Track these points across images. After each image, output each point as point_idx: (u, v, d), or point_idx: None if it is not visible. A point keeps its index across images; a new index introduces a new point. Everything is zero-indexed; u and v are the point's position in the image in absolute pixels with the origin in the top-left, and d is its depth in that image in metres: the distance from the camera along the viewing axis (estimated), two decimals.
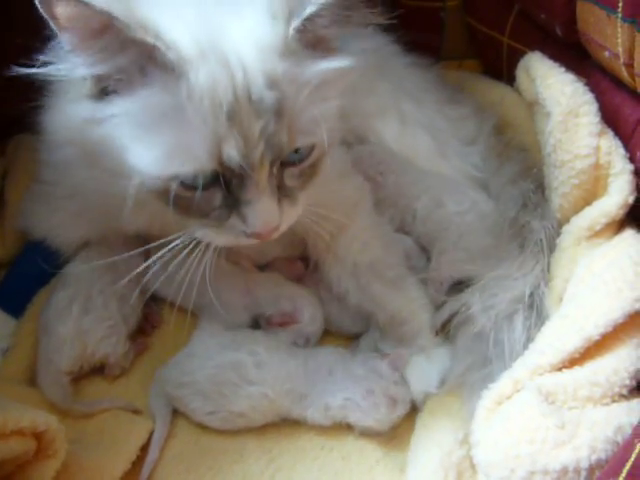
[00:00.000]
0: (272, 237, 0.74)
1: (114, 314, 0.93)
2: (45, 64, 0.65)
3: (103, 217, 0.93)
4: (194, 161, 0.66)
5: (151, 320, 1.01)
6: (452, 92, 1.13)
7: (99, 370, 0.92)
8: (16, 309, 0.97)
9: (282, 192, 0.73)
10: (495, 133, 1.05)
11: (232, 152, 0.65)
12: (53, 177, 0.93)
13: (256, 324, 0.97)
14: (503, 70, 1.14)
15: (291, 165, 0.72)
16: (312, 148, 0.73)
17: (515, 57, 1.04)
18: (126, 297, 0.93)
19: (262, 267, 1.00)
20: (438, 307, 0.91)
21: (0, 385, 0.87)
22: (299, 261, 1.00)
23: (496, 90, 1.10)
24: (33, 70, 0.65)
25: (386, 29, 1.19)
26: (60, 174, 0.90)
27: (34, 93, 0.78)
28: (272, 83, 0.66)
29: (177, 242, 0.76)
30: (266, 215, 0.70)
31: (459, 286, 0.91)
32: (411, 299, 0.92)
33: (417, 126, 1.03)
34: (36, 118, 0.85)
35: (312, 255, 0.98)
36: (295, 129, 0.69)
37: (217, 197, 0.70)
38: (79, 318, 0.90)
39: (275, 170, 0.70)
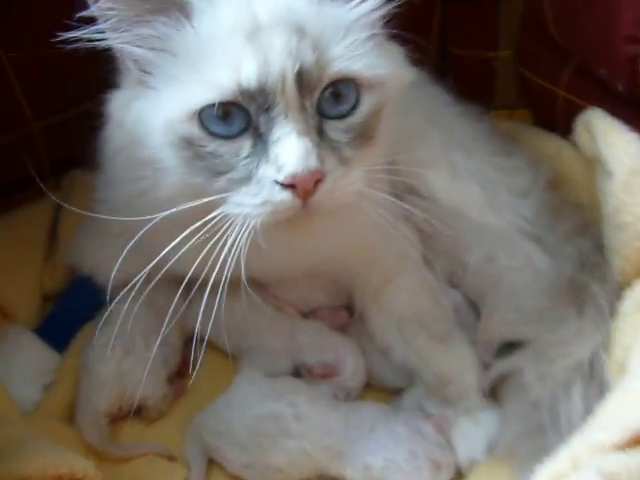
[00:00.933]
0: (317, 198, 0.65)
1: (155, 356, 0.92)
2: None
3: (149, 255, 0.93)
4: (213, 88, 0.65)
5: (190, 362, 1.00)
6: (504, 143, 1.10)
7: (137, 412, 0.91)
8: (60, 344, 0.97)
9: (325, 142, 0.67)
10: (549, 187, 1.02)
11: (250, 71, 0.64)
12: (105, 214, 0.95)
13: (297, 371, 0.95)
14: (557, 123, 1.11)
15: (335, 119, 0.69)
16: (357, 97, 0.70)
17: (572, 111, 1.01)
18: (168, 338, 0.93)
19: (306, 315, 0.99)
20: (487, 367, 0.87)
21: (40, 422, 0.88)
22: (343, 310, 0.98)
23: (552, 143, 1.07)
24: (76, 34, 0.66)
25: (436, 78, 1.19)
26: (111, 211, 0.92)
27: (89, 131, 0.80)
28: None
29: (213, 220, 0.68)
30: (299, 151, 0.63)
31: (510, 346, 0.87)
32: (459, 357, 0.88)
33: (468, 177, 1.01)
34: (91, 155, 0.87)
35: (357, 305, 0.96)
36: (324, 52, 0.66)
37: (244, 146, 0.67)
38: (120, 359, 0.90)
39: (310, 107, 0.66)
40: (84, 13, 0.66)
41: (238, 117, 0.66)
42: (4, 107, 1.05)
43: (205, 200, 0.67)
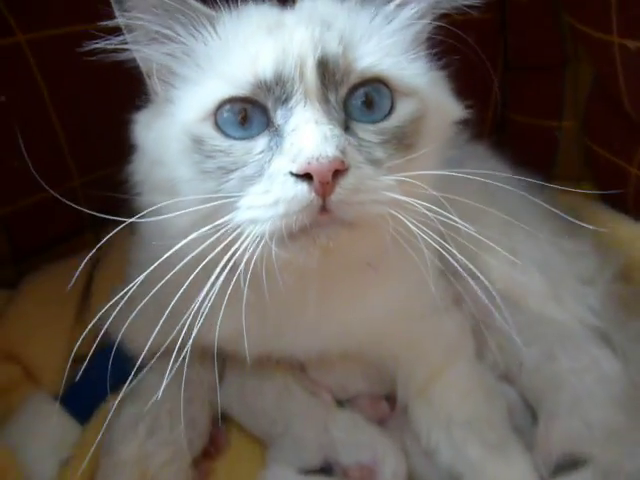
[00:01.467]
0: (338, 195, 0.57)
1: (180, 438, 0.85)
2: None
3: (184, 323, 0.88)
4: (228, 84, 0.62)
5: (217, 443, 0.93)
6: (568, 222, 1.02)
7: None
8: (83, 414, 0.92)
9: (352, 137, 0.61)
10: (620, 277, 0.93)
11: (267, 60, 0.61)
12: (136, 276, 0.91)
13: (328, 465, 0.87)
14: (629, 203, 1.03)
15: (366, 123, 0.63)
16: (391, 104, 0.64)
17: None
18: (195, 420, 0.87)
19: (342, 403, 0.91)
20: None
21: None
22: (384, 401, 0.90)
23: (624, 227, 0.98)
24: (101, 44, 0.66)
25: (495, 146, 1.13)
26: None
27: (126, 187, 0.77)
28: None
29: (223, 228, 0.61)
30: (317, 136, 0.57)
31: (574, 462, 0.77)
32: (514, 469, 0.78)
33: (529, 261, 0.93)
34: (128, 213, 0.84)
35: (400, 396, 0.87)
36: (353, 46, 0.63)
37: (259, 143, 0.62)
38: (143, 440, 0.84)
39: (334, 101, 0.61)
40: (109, 23, 0.65)
41: (256, 118, 0.62)
42: (53, 163, 1.05)
43: (217, 203, 0.61)
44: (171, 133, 0.66)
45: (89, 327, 0.98)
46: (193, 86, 0.66)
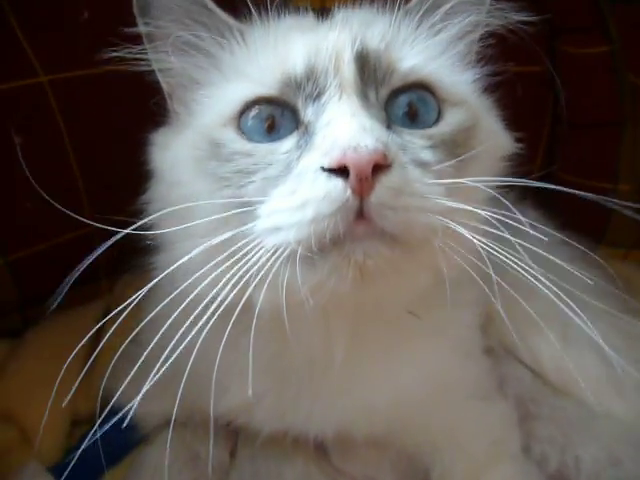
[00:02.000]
0: (379, 195, 0.48)
1: None
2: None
3: (191, 391, 0.79)
4: (254, 83, 0.57)
5: None
6: (628, 298, 0.91)
7: None
8: None
9: (394, 136, 0.54)
10: None
11: (298, 55, 0.57)
12: (149, 336, 0.83)
13: None
14: None
15: (412, 129, 0.57)
16: (439, 112, 0.58)
17: None
18: None
19: None
20: None
21: None
22: None
23: None
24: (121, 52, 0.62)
25: (539, 206, 1.05)
26: (156, 332, 0.80)
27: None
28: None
29: (239, 241, 0.53)
30: (354, 126, 0.50)
31: None
32: None
33: (584, 345, 0.82)
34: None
35: None
36: (396, 46, 0.59)
37: (286, 143, 0.55)
38: None
39: (374, 100, 0.56)
40: (131, 30, 0.62)
41: (284, 124, 0.56)
42: (70, 207, 1.00)
43: (235, 212, 0.53)
44: (188, 144, 0.60)
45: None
46: (215, 91, 0.61)
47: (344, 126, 0.51)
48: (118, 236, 0.59)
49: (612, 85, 1.00)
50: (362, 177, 0.47)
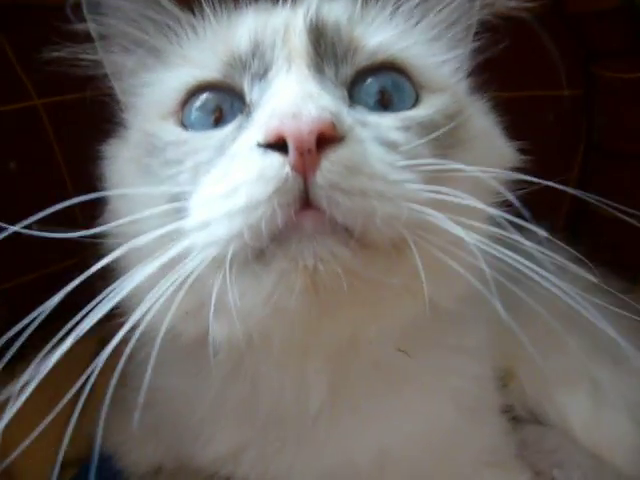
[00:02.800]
0: (327, 172, 0.39)
1: None
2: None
3: (179, 437, 0.72)
4: (196, 69, 0.51)
5: None
6: None
7: None
8: None
9: (355, 112, 0.46)
10: None
11: (243, 32, 0.50)
12: (137, 380, 0.77)
13: None
14: None
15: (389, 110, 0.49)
16: (415, 98, 0.50)
17: None
18: None
19: None
20: None
21: None
22: None
23: None
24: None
25: (571, 240, 0.96)
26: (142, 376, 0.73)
27: None
28: None
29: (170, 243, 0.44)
30: (295, 94, 0.42)
31: None
32: None
33: (617, 407, 0.74)
34: None
35: None
36: (364, 22, 0.51)
37: (224, 129, 0.48)
38: None
39: (333, 74, 0.48)
40: (78, 27, 0.57)
41: (232, 111, 0.49)
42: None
43: (165, 207, 0.45)
44: (130, 145, 0.54)
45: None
46: (155, 80, 0.55)
47: (286, 93, 0.43)
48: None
49: None
50: (303, 150, 0.38)
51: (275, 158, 0.39)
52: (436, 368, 0.60)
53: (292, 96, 0.42)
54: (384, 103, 0.49)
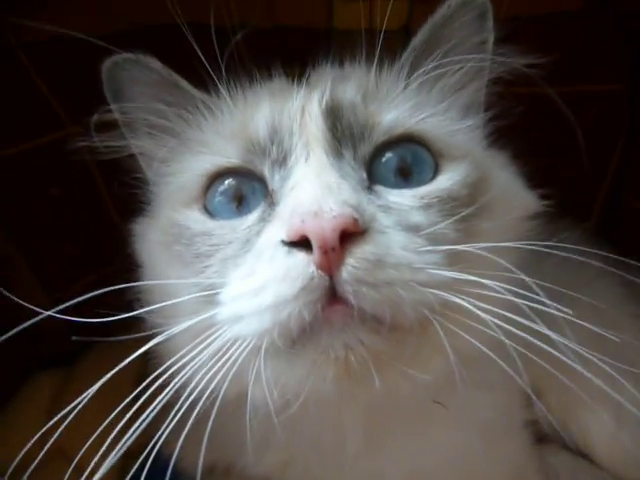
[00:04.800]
0: (353, 268, 0.40)
1: None
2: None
3: (230, 450, 0.78)
4: (216, 154, 0.52)
5: None
6: None
7: None
8: None
9: (375, 198, 0.47)
10: None
11: (261, 119, 0.51)
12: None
13: None
14: None
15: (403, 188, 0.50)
16: (435, 169, 0.51)
17: None
18: None
19: None
20: None
21: None
22: None
23: None
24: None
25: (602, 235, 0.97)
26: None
27: None
28: None
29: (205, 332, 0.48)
30: (315, 189, 0.43)
31: None
32: None
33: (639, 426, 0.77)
34: None
35: None
36: (379, 98, 0.52)
37: (249, 218, 0.50)
38: None
39: (351, 157, 0.48)
40: (104, 117, 0.59)
41: (254, 195, 0.50)
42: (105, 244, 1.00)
43: (198, 295, 0.49)
44: (158, 229, 0.56)
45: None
46: (179, 168, 0.56)
47: (306, 188, 0.43)
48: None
49: None
50: (327, 248, 0.40)
51: (300, 257, 0.41)
52: (464, 405, 0.62)
53: (312, 192, 0.42)
54: (404, 175, 0.49)
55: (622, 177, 1.02)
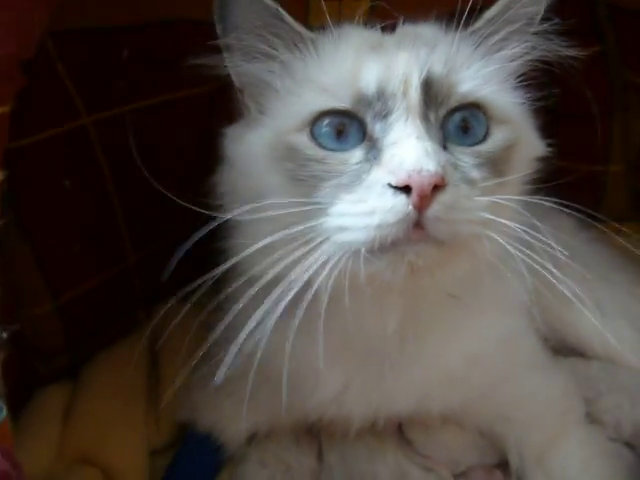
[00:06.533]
0: (434, 210, 0.56)
1: None
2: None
3: (277, 398, 0.81)
4: (328, 96, 0.63)
5: None
6: (638, 269, 1.03)
7: None
8: None
9: (449, 156, 0.61)
10: None
11: (370, 74, 0.62)
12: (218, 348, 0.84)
13: None
14: None
15: (462, 146, 0.64)
16: (487, 130, 0.65)
17: None
18: None
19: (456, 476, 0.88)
20: None
21: None
22: (498, 471, 0.87)
23: None
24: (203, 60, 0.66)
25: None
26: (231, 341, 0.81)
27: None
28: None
29: (309, 233, 0.60)
30: (419, 150, 0.57)
31: None
32: None
33: (617, 316, 0.93)
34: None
35: (515, 465, 0.85)
36: (456, 70, 0.65)
37: (355, 154, 0.62)
38: None
39: (434, 121, 0.62)
40: (214, 42, 0.66)
41: (352, 133, 0.63)
42: (110, 244, 1.00)
43: (306, 208, 0.60)
44: (263, 142, 0.66)
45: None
46: (290, 98, 0.66)
47: (410, 149, 0.57)
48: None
49: (603, 79, 1.11)
50: (423, 195, 0.55)
51: (402, 198, 0.56)
52: (494, 296, 0.76)
53: (416, 153, 0.57)
54: (464, 130, 0.65)
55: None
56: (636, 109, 1.10)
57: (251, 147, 0.67)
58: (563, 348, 0.97)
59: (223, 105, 0.74)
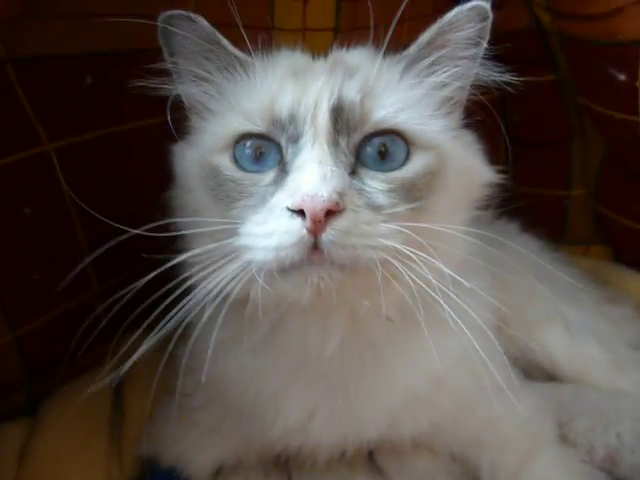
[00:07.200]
0: (329, 235, 0.57)
1: None
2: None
3: (245, 420, 0.80)
4: (247, 120, 0.66)
5: None
6: (605, 288, 1.05)
7: None
8: None
9: (356, 182, 0.62)
10: None
11: (284, 100, 0.64)
12: (190, 386, 0.82)
13: None
14: None
15: (377, 171, 0.64)
16: (406, 156, 0.65)
17: None
18: None
19: None
20: None
21: None
22: None
23: None
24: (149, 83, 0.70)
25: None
26: (198, 380, 0.78)
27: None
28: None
29: (212, 248, 0.63)
30: (315, 175, 0.58)
31: None
32: None
33: (584, 333, 0.94)
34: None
35: None
36: (373, 96, 0.65)
37: (268, 176, 0.64)
38: None
39: (345, 146, 0.63)
40: (157, 65, 0.70)
41: (271, 156, 0.65)
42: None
43: (219, 228, 0.63)
44: (194, 160, 0.70)
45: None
46: (218, 120, 0.70)
47: (309, 174, 0.59)
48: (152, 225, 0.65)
49: (558, 106, 1.15)
50: (315, 220, 0.57)
51: (297, 221, 0.58)
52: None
53: (312, 179, 0.59)
54: (382, 155, 0.65)
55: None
56: (593, 134, 1.14)
57: (189, 164, 0.71)
58: (534, 370, 0.96)
59: (185, 131, 0.76)
